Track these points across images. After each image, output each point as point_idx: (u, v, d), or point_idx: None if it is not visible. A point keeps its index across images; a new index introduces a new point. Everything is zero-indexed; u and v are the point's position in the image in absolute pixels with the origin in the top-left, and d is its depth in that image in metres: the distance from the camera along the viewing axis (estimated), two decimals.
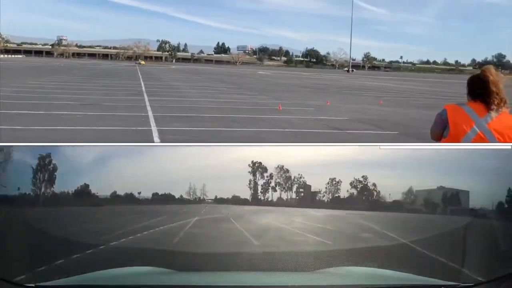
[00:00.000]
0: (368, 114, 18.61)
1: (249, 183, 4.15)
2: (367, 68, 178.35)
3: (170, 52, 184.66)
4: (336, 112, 18.53)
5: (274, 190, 4.39)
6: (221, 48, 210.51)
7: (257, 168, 4.09)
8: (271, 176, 4.26)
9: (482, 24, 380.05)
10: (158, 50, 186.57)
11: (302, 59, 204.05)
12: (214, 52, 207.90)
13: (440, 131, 3.47)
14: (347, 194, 4.05)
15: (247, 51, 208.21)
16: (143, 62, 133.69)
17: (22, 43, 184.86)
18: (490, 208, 3.23)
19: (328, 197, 4.15)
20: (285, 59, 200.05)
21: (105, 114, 15.40)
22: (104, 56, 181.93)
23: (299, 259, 3.42)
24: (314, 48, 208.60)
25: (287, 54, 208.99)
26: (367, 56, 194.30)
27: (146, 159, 3.61)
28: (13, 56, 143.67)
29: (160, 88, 30.31)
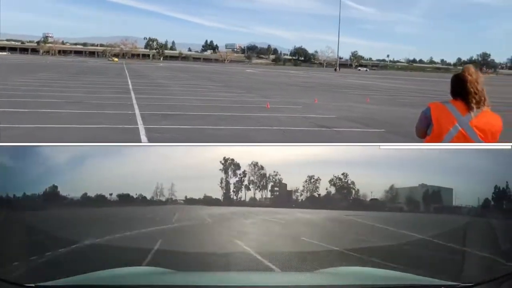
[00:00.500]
0: (355, 112, 18.72)
1: (221, 182, 4.15)
2: (354, 66, 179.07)
3: (157, 50, 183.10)
4: (323, 110, 18.61)
5: (248, 188, 4.38)
6: (209, 46, 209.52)
7: (230, 167, 4.09)
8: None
9: (468, 24, 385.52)
10: (145, 48, 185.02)
11: (291, 57, 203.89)
12: (202, 50, 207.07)
13: (424, 128, 3.52)
14: (324, 192, 4.06)
15: (236, 49, 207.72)
16: (115, 59, 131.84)
17: (7, 40, 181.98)
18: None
19: (306, 195, 4.16)
20: (273, 57, 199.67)
21: (92, 112, 15.26)
22: (91, 53, 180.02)
23: (298, 259, 3.42)
24: (302, 46, 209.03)
25: (275, 52, 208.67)
26: (354, 55, 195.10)
27: (124, 160, 3.58)
28: None
29: (147, 86, 30.11)
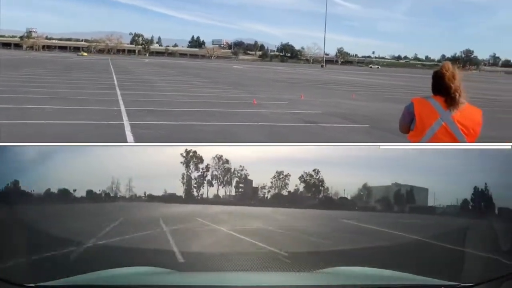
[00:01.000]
0: (341, 108, 18.84)
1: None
2: (340, 62, 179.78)
3: (143, 45, 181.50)
4: (310, 106, 18.68)
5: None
6: (196, 42, 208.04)
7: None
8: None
9: (452, 21, 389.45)
10: (131, 44, 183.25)
11: (277, 53, 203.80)
12: (188, 46, 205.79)
13: (408, 123, 3.57)
14: (293, 189, 4.07)
15: (222, 45, 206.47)
16: (85, 54, 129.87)
17: None
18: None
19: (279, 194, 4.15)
20: (260, 53, 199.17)
21: (76, 108, 15.10)
22: (76, 49, 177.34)
23: (298, 259, 3.42)
24: (289, 43, 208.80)
25: (262, 48, 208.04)
26: (340, 51, 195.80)
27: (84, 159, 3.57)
28: None
29: (133, 82, 29.82)
